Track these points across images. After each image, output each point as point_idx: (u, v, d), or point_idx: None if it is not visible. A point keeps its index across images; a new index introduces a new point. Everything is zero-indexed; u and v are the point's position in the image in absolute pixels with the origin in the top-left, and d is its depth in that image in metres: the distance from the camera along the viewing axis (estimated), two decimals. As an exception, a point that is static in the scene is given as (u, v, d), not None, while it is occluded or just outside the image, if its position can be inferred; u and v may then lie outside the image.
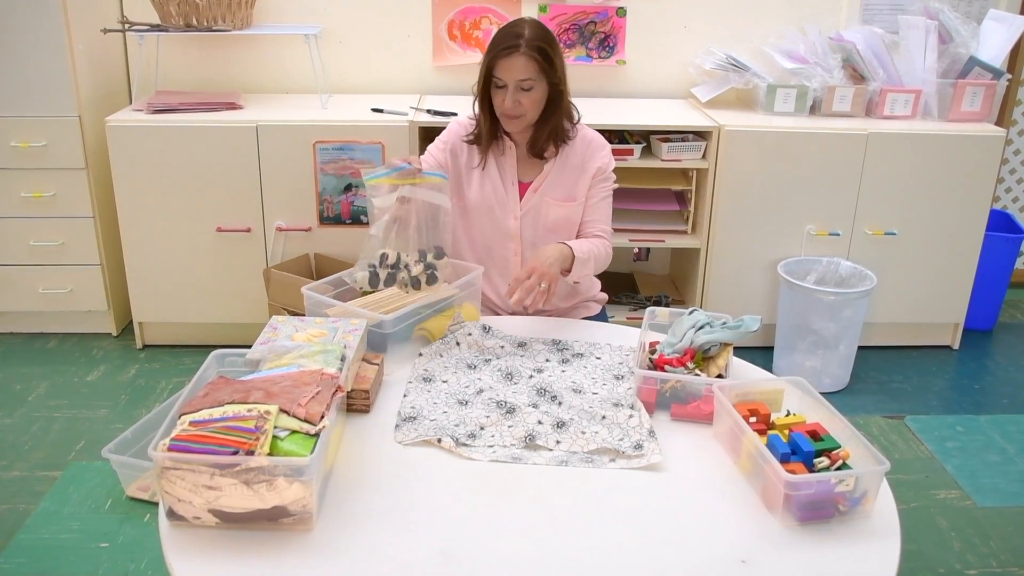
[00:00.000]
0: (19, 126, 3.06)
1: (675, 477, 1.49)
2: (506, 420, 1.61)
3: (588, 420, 1.62)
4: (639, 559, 1.29)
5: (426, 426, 1.59)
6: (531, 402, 1.68)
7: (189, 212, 3.07)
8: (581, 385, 1.75)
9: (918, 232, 3.24)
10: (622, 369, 1.83)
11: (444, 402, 1.69)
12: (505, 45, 2.07)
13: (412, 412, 1.64)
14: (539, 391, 1.72)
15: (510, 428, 1.59)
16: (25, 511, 2.38)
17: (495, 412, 1.63)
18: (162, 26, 3.09)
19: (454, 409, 1.65)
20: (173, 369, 3.15)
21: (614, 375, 1.80)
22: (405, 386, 1.74)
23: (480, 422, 1.60)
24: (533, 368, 1.83)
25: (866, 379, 3.25)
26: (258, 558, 1.26)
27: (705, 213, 3.18)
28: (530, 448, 1.54)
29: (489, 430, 1.59)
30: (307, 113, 3.11)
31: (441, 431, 1.56)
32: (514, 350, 1.90)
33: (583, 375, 1.80)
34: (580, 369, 1.82)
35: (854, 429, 1.46)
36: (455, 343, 1.91)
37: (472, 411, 1.64)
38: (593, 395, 1.71)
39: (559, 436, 1.57)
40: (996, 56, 3.26)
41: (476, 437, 1.56)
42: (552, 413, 1.63)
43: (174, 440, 1.30)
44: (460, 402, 1.68)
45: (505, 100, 2.08)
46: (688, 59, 3.49)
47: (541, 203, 2.21)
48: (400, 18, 3.42)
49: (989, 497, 2.57)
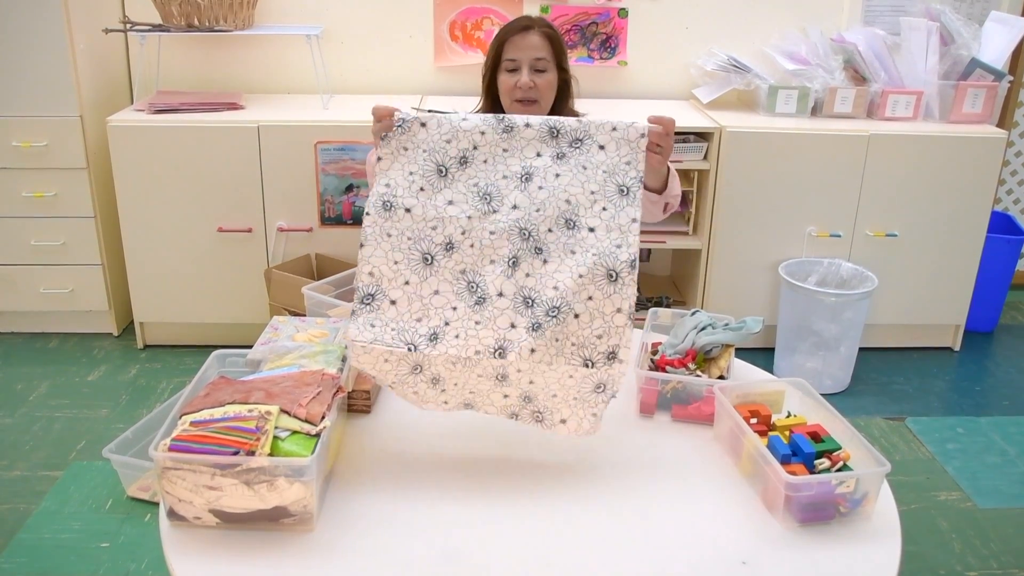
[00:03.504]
0: (20, 126, 3.06)
1: (675, 478, 1.49)
2: (474, 313, 1.42)
3: (572, 297, 1.40)
4: (640, 560, 1.29)
5: (384, 316, 1.43)
6: (511, 253, 1.44)
7: (190, 212, 3.07)
8: (576, 209, 1.46)
9: (919, 234, 3.24)
10: (629, 173, 1.49)
11: (406, 257, 1.46)
12: (518, 26, 2.06)
13: (371, 284, 1.45)
14: (522, 233, 1.46)
15: (477, 325, 1.41)
16: (26, 511, 2.38)
17: (463, 299, 1.43)
18: (164, 26, 3.09)
19: (417, 274, 1.45)
20: (174, 369, 3.15)
21: (618, 185, 1.48)
22: (364, 218, 1.49)
23: (445, 315, 1.42)
24: (519, 172, 1.50)
25: (867, 380, 3.24)
26: (259, 558, 1.26)
27: (706, 214, 3.18)
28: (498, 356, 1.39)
29: (454, 326, 1.42)
30: (308, 113, 3.11)
31: (399, 331, 1.41)
32: (497, 137, 1.53)
33: (580, 184, 1.48)
34: (577, 173, 1.49)
35: (855, 430, 1.46)
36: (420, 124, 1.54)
37: (436, 284, 1.44)
38: (589, 232, 1.44)
39: (534, 343, 1.39)
40: (997, 58, 3.26)
41: (438, 339, 1.40)
42: (530, 290, 1.42)
43: (175, 440, 1.30)
44: (424, 258, 1.46)
45: (520, 79, 2.02)
46: (689, 60, 3.49)
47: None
48: (402, 18, 3.42)
49: (990, 499, 2.57)
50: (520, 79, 2.03)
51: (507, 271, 1.44)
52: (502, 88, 2.07)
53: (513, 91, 2.05)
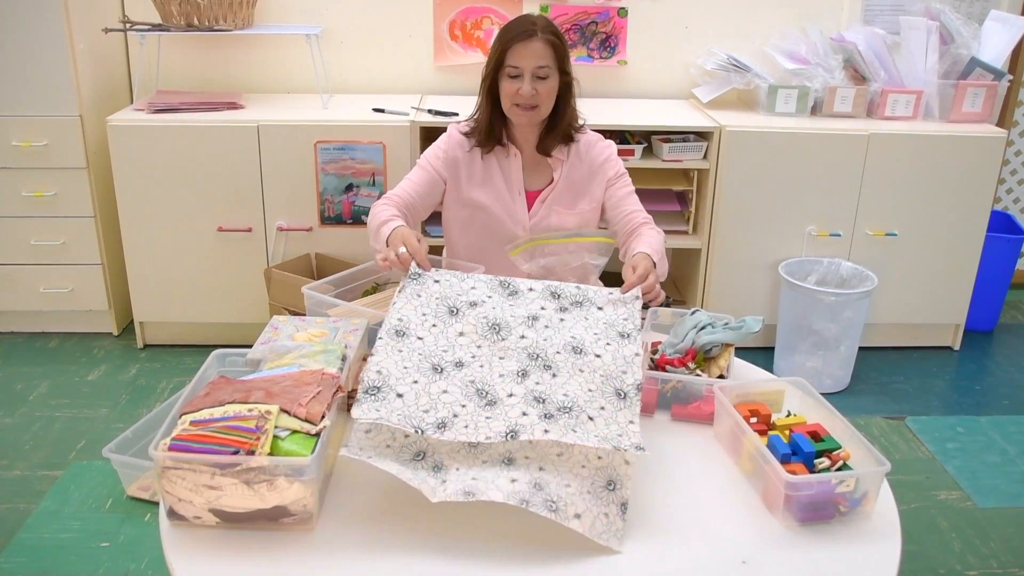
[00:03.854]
0: (20, 125, 3.06)
1: (675, 477, 1.49)
2: (484, 411, 1.39)
3: (585, 404, 1.41)
4: (640, 559, 1.29)
5: (390, 405, 1.38)
6: (520, 368, 1.47)
7: (190, 212, 3.07)
8: (582, 342, 1.53)
9: (919, 233, 3.24)
10: (627, 325, 1.60)
11: (416, 366, 1.46)
12: (520, 31, 2.02)
13: (378, 380, 1.42)
14: (531, 354, 1.50)
15: (488, 419, 1.37)
16: (26, 510, 2.38)
17: (473, 400, 1.41)
18: (163, 26, 3.09)
19: (426, 377, 1.44)
20: (174, 369, 3.15)
21: (619, 332, 1.58)
22: (377, 340, 1.53)
23: (454, 409, 1.39)
24: (526, 316, 1.58)
25: (867, 380, 3.24)
26: (259, 558, 1.26)
27: (706, 214, 3.18)
28: (509, 438, 1.34)
29: (463, 418, 1.37)
30: (308, 113, 3.11)
31: (406, 417, 1.36)
32: (503, 300, 1.64)
33: (583, 328, 1.57)
34: (580, 321, 1.59)
35: (855, 430, 1.46)
36: (433, 280, 1.66)
37: (446, 385, 1.43)
38: (596, 358, 1.50)
39: (547, 426, 1.36)
40: (997, 57, 3.26)
41: (446, 427, 1.35)
42: (541, 392, 1.41)
43: (175, 440, 1.30)
44: (434, 368, 1.46)
45: (523, 87, 2.01)
46: (689, 60, 3.49)
47: (550, 212, 2.15)
48: (401, 18, 3.42)
49: (989, 498, 2.57)
50: (522, 87, 2.02)
51: (516, 379, 1.46)
52: (503, 92, 2.06)
53: (514, 97, 2.04)
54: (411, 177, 2.15)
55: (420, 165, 2.17)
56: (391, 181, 3.04)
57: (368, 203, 3.06)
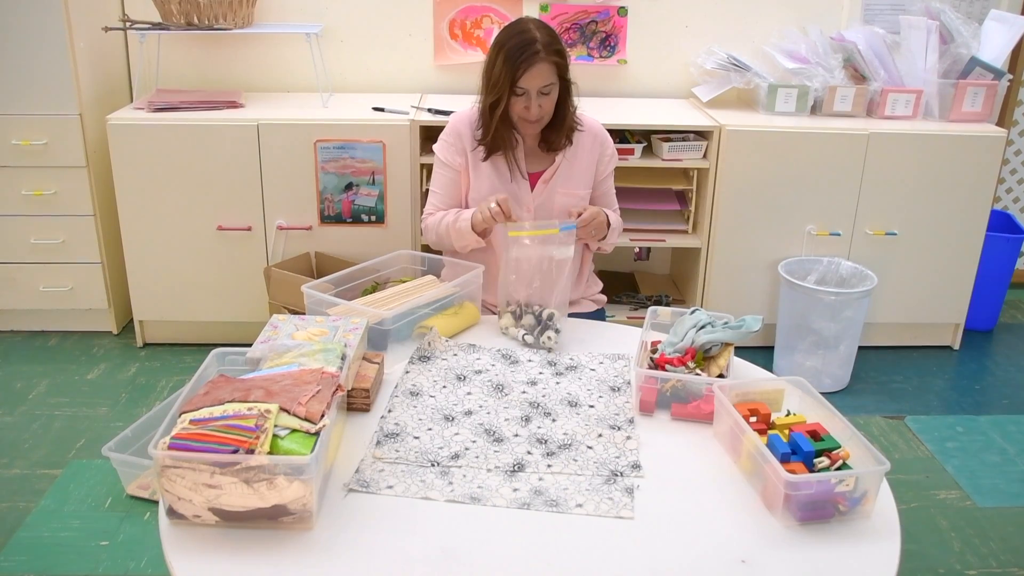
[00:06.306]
0: (20, 124, 3.06)
1: (675, 477, 1.49)
2: (492, 446, 1.55)
3: (583, 437, 1.57)
4: (639, 558, 1.29)
5: (407, 445, 1.54)
6: (523, 414, 1.65)
7: (190, 210, 3.07)
8: (577, 397, 1.72)
9: (919, 232, 3.24)
10: (618, 381, 1.79)
11: (430, 417, 1.64)
12: (527, 55, 2.06)
13: (395, 429, 1.60)
14: (532, 404, 1.69)
15: (496, 453, 1.53)
16: (25, 509, 2.38)
17: (482, 438, 1.58)
18: (163, 24, 3.09)
19: (439, 425, 1.61)
20: (173, 367, 3.15)
21: (610, 387, 1.77)
22: (389, 399, 1.69)
23: (465, 444, 1.55)
24: (526, 380, 1.79)
25: (866, 379, 3.24)
26: (258, 557, 1.26)
27: (706, 213, 3.18)
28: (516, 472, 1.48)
29: (474, 451, 1.53)
30: (308, 112, 3.11)
31: (422, 453, 1.52)
32: (505, 368, 1.84)
33: (578, 386, 1.77)
34: (575, 381, 1.79)
35: (854, 429, 1.46)
36: (440, 358, 1.87)
37: (457, 429, 1.60)
38: (589, 408, 1.68)
39: (550, 461, 1.51)
40: (997, 56, 3.26)
41: (459, 457, 1.51)
42: (543, 435, 1.58)
43: (174, 438, 1.30)
44: (446, 417, 1.64)
45: (530, 108, 2.12)
46: (689, 59, 3.49)
47: (553, 193, 2.25)
48: (401, 17, 3.42)
49: (989, 497, 2.57)
50: (530, 106, 2.12)
51: (521, 423, 1.63)
52: (512, 109, 2.15)
53: (522, 112, 2.15)
54: (435, 188, 2.30)
55: (437, 168, 2.29)
56: (391, 180, 3.04)
57: (368, 202, 3.06)
